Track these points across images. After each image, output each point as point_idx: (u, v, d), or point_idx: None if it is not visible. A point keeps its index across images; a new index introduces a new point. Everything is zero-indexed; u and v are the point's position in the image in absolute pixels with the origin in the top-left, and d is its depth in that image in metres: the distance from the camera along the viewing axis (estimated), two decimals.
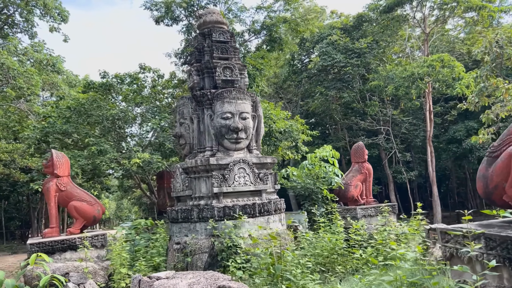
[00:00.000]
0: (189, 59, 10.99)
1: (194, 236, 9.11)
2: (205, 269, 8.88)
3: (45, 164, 9.07)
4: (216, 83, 10.19)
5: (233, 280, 5.43)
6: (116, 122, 14.81)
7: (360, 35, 25.69)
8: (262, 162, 9.93)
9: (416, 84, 21.64)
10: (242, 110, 9.88)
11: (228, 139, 9.74)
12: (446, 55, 21.15)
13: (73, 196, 8.97)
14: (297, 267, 6.99)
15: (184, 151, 10.32)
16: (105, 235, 8.69)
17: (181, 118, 10.18)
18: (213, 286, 5.36)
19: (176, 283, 5.57)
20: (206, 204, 9.28)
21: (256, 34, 17.53)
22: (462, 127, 26.13)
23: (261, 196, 9.74)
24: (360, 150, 12.02)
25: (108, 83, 15.75)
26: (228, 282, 5.27)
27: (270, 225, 9.64)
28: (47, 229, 8.83)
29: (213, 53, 10.39)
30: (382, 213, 11.20)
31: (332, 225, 10.17)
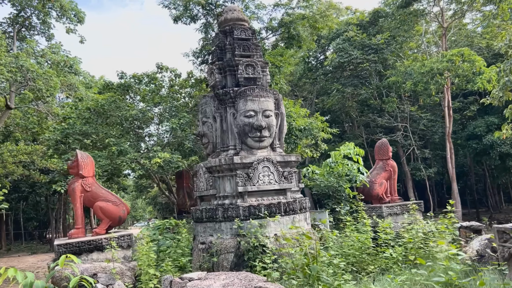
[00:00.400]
0: (210, 57, 10.91)
1: (220, 236, 9.02)
2: (231, 269, 8.80)
3: (69, 165, 9.06)
4: (238, 81, 10.08)
5: (269, 281, 5.32)
6: (135, 122, 14.82)
7: (376, 31, 25.39)
8: (286, 160, 9.80)
9: (435, 79, 21.31)
10: (265, 108, 9.76)
11: (252, 138, 9.63)
12: (466, 49, 20.77)
13: (98, 197, 8.95)
14: (328, 267, 6.86)
15: (207, 150, 10.23)
16: (131, 236, 8.66)
17: (203, 117, 10.10)
18: (249, 287, 5.26)
19: (209, 284, 5.48)
20: (231, 204, 9.19)
21: (273, 31, 17.40)
22: (482, 123, 25.67)
23: (286, 195, 9.62)
24: (384, 147, 11.81)
25: (127, 84, 15.78)
26: (264, 284, 5.16)
27: (296, 224, 9.50)
28: (73, 229, 8.82)
29: (234, 51, 10.29)
30: (408, 211, 11.00)
31: (357, 223, 10.02)
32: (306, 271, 5.46)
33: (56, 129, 14.93)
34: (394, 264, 8.01)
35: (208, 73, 10.69)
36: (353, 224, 9.80)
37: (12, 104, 20.29)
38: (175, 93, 17.50)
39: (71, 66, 21.31)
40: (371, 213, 10.75)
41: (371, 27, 25.92)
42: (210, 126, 9.94)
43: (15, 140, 25.43)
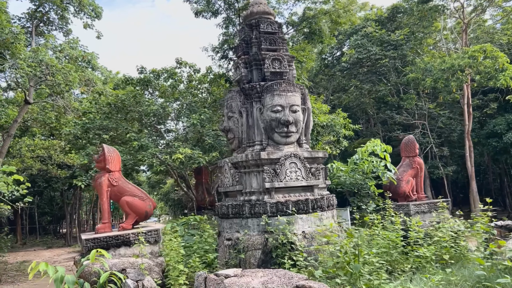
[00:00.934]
0: (235, 51, 10.76)
1: (246, 232, 8.90)
2: (259, 266, 8.67)
3: (96, 159, 8.99)
4: (264, 76, 9.93)
5: (311, 280, 5.18)
6: (154, 117, 14.75)
7: (395, 27, 25.04)
8: (314, 156, 9.63)
9: (456, 76, 20.95)
10: (293, 103, 9.60)
11: (278, 133, 9.47)
12: (489, 46, 20.35)
13: (125, 191, 8.87)
14: (364, 266, 6.70)
15: (232, 146, 10.10)
16: (159, 231, 8.56)
17: (229, 111, 9.96)
18: (289, 285, 5.12)
19: (248, 281, 5.35)
20: (258, 200, 9.05)
21: (294, 26, 17.20)
22: (502, 121, 25.22)
23: (313, 191, 9.45)
24: (411, 143, 11.59)
25: (146, 79, 15.70)
26: (307, 282, 5.02)
27: (324, 222, 9.33)
28: (99, 224, 8.75)
29: (261, 45, 10.13)
30: (436, 210, 10.78)
31: (384, 221, 9.82)
32: (348, 269, 5.30)
33: (77, 123, 14.91)
34: (427, 263, 7.82)
35: (233, 68, 10.55)
36: (380, 222, 9.60)
37: (31, 99, 20.38)
38: (193, 89, 17.39)
39: (89, 61, 21.33)
40: (398, 211, 10.54)
41: (389, 23, 25.57)
42: (236, 121, 9.80)
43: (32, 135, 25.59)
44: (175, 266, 7.73)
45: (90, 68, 22.41)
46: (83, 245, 7.94)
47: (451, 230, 9.19)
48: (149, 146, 13.64)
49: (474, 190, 24.46)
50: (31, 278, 6.48)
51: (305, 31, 16.53)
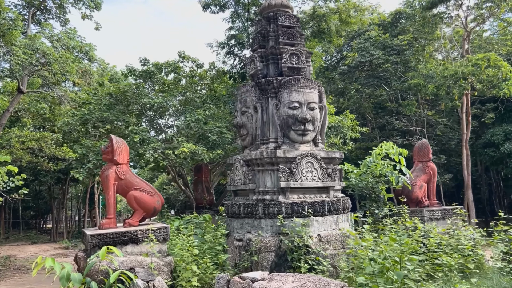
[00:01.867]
0: (251, 44, 10.35)
1: (259, 233, 8.47)
2: (271, 270, 8.25)
3: (104, 150, 8.47)
4: (281, 71, 9.54)
5: (350, 287, 4.78)
6: (157, 111, 14.24)
7: (397, 32, 24.88)
8: (330, 156, 9.26)
9: (459, 84, 20.82)
10: (310, 100, 9.22)
11: (295, 131, 9.08)
12: (493, 54, 20.27)
13: (132, 186, 8.37)
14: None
15: (244, 142, 9.68)
16: (168, 228, 8.07)
17: (243, 106, 9.53)
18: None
19: (279, 286, 4.93)
20: (272, 200, 8.64)
21: (302, 25, 16.84)
22: (499, 131, 25.19)
23: (329, 193, 9.08)
24: (425, 148, 11.32)
25: (150, 71, 15.19)
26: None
27: (339, 225, 8.98)
28: (104, 219, 8.23)
29: (278, 39, 9.74)
30: (450, 216, 10.52)
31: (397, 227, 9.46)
32: (389, 276, 4.91)
33: (75, 114, 14.31)
34: (450, 272, 7.47)
35: (248, 61, 10.14)
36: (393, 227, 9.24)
37: (25, 88, 19.67)
38: (195, 84, 16.92)
39: (87, 52, 20.68)
40: (412, 217, 10.22)
41: (391, 28, 25.42)
42: (250, 117, 9.38)
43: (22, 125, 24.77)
44: (187, 266, 7.28)
45: (87, 59, 21.75)
46: (87, 241, 7.42)
47: (470, 238, 8.90)
48: (151, 140, 13.14)
49: (470, 199, 24.35)
50: (35, 275, 5.96)
51: (313, 29, 16.19)
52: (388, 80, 24.33)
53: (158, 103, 13.48)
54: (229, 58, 17.64)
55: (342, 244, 8.59)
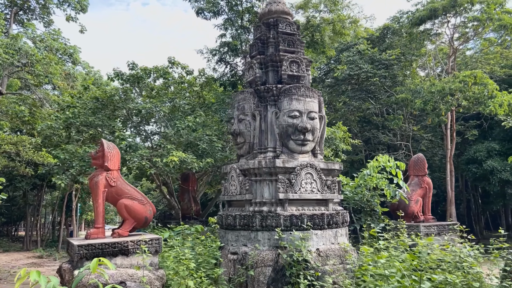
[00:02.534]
0: (250, 50, 10.06)
1: (256, 247, 8.08)
2: (268, 285, 7.87)
3: (93, 155, 7.99)
4: (281, 78, 9.25)
5: None
6: (145, 117, 13.76)
7: (385, 46, 25.06)
8: (330, 168, 8.98)
9: (446, 99, 20.99)
10: (311, 109, 8.95)
11: (294, 140, 8.78)
12: (480, 72, 20.54)
13: (123, 193, 7.89)
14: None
15: (241, 151, 9.31)
16: (160, 240, 7.61)
17: (240, 114, 9.19)
18: None
19: None
20: (270, 211, 8.28)
21: None
22: (482, 148, 25.52)
23: (328, 206, 8.77)
24: (421, 162, 11.19)
25: (138, 75, 14.73)
26: None
27: (338, 239, 8.66)
28: (92, 229, 7.70)
29: (278, 45, 9.47)
30: (446, 233, 10.36)
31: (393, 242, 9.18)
32: None
33: (58, 117, 13.70)
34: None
35: (246, 68, 9.83)
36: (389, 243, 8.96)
37: (4, 89, 18.90)
38: (184, 91, 16.51)
39: (71, 54, 20.05)
40: (408, 232, 10.00)
41: (379, 42, 25.59)
42: (248, 125, 9.04)
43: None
44: (181, 281, 6.83)
45: (71, 62, 21.10)
46: (74, 252, 6.89)
47: (467, 255, 8.67)
48: (139, 146, 12.64)
49: (453, 214, 24.47)
50: None
51: (307, 39, 16.03)
52: (375, 94, 24.41)
53: (147, 109, 13.00)
54: (220, 65, 17.33)
55: (341, 260, 8.27)
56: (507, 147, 25.68)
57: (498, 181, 24.49)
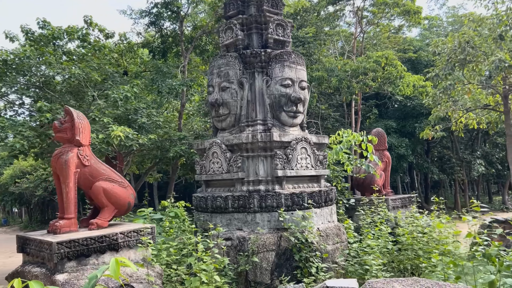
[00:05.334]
0: (226, 8, 8.81)
1: (259, 230, 7.17)
2: (272, 272, 7.09)
3: (57, 127, 6.17)
4: (266, 43, 8.30)
5: None
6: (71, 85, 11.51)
7: (299, 24, 25.11)
8: (321, 142, 8.40)
9: (360, 78, 21.85)
10: (302, 78, 8.22)
11: (286, 112, 7.98)
12: (391, 53, 21.76)
13: (99, 175, 6.28)
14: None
15: (223, 124, 8.18)
16: (154, 229, 6.23)
17: (224, 81, 8.02)
18: None
19: None
20: (268, 190, 7.42)
21: None
22: (382, 125, 27.41)
23: (320, 182, 8.21)
24: (381, 136, 11.22)
25: (54, 35, 12.29)
26: None
27: (333, 217, 8.18)
28: (61, 220, 5.97)
29: (262, 6, 8.46)
30: (406, 206, 10.62)
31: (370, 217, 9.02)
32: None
33: None
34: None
35: (222, 29, 8.62)
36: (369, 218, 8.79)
37: None
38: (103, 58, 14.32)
39: None
40: (372, 206, 9.96)
41: (294, 20, 25.55)
42: (235, 94, 7.94)
43: None
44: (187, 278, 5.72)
45: None
46: (52, 252, 5.24)
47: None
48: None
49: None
50: None
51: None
52: None
53: (76, 75, 10.82)
54: (149, 30, 15.31)
55: (338, 238, 7.82)
56: (401, 125, 28.01)
57: (396, 156, 26.60)
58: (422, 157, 31.57)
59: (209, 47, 15.15)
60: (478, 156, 31.63)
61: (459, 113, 18.64)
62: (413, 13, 23.40)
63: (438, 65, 17.86)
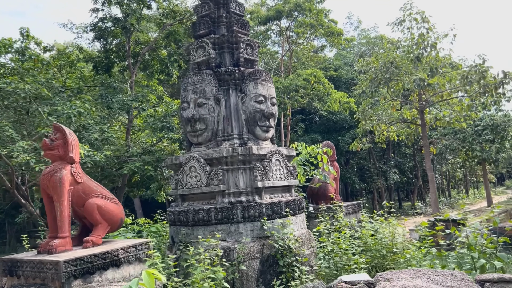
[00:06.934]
0: (196, 28, 9.07)
1: (242, 239, 7.50)
2: (258, 279, 7.45)
3: (48, 145, 6.00)
4: (237, 61, 8.74)
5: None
6: (21, 100, 10.87)
7: None
8: (290, 154, 8.98)
9: (291, 95, 23.07)
10: (272, 95, 8.78)
11: (260, 126, 8.46)
12: (319, 72, 23.29)
13: (91, 191, 6.20)
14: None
15: (199, 139, 8.40)
16: (149, 244, 6.27)
17: (200, 97, 8.27)
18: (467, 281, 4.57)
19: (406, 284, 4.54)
20: (249, 201, 7.80)
21: None
22: (308, 139, 28.96)
23: (291, 192, 8.77)
24: (332, 148, 12.07)
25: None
26: (492, 275, 4.58)
27: (304, 224, 8.77)
28: (57, 240, 5.78)
29: (232, 27, 8.90)
30: (356, 212, 11.56)
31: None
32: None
33: None
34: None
35: (194, 48, 8.89)
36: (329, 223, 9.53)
37: None
38: (45, 72, 13.70)
39: None
40: (334, 212, 10.76)
41: None
42: (212, 110, 8.24)
43: None
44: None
45: None
46: (59, 271, 5.13)
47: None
48: (16, 138, 10.03)
49: None
50: None
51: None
52: None
53: (27, 90, 10.25)
54: (92, 44, 14.84)
55: (310, 244, 8.41)
56: (326, 138, 29.78)
57: None
58: (344, 168, 33.70)
59: (153, 62, 15.13)
60: (392, 165, 34.58)
61: (382, 126, 20.45)
62: (335, 35, 25.24)
63: (363, 83, 19.53)
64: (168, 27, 14.52)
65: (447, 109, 19.64)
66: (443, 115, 19.19)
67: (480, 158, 30.83)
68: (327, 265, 7.93)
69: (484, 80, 16.99)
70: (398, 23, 18.99)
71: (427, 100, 19.08)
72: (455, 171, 52.55)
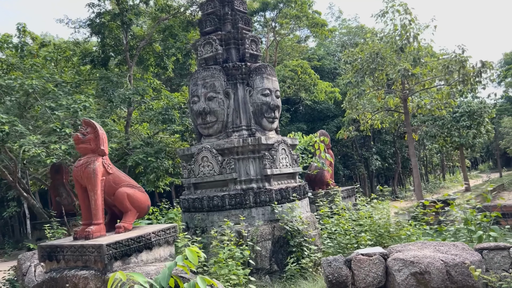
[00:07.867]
0: (202, 25, 9.53)
1: (256, 223, 8.12)
2: (270, 258, 8.11)
3: (80, 139, 6.44)
4: (243, 57, 9.27)
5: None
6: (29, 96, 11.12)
7: None
8: (294, 143, 9.60)
9: (280, 85, 23.66)
10: (277, 88, 9.36)
11: (267, 118, 9.05)
12: (306, 63, 23.92)
13: (121, 181, 6.70)
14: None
15: (209, 131, 8.93)
16: (176, 228, 6.81)
17: (210, 91, 8.78)
18: (467, 250, 5.29)
19: (416, 254, 5.24)
20: (259, 187, 8.41)
21: None
22: (294, 128, 29.67)
23: (295, 178, 9.42)
24: (327, 137, 12.75)
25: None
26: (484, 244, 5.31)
27: (308, 208, 9.44)
28: (92, 226, 6.27)
29: (237, 23, 9.40)
30: (352, 195, 12.29)
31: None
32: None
33: None
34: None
35: (201, 44, 9.36)
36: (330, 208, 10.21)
37: None
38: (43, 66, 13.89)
39: None
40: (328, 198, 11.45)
41: None
42: (222, 103, 8.77)
43: None
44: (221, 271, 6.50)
45: None
46: (103, 254, 5.64)
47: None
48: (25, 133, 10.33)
49: None
50: None
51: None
52: None
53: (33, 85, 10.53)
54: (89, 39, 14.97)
55: (314, 225, 9.08)
56: (311, 127, 30.54)
57: None
58: None
59: (149, 56, 15.47)
60: (373, 152, 35.66)
61: (367, 115, 21.26)
62: (320, 26, 25.85)
63: (349, 73, 20.25)
64: (163, 22, 14.87)
65: (428, 97, 20.58)
66: (425, 103, 20.11)
67: (458, 144, 32.13)
68: (331, 244, 8.64)
69: (464, 70, 17.91)
70: (381, 14, 19.72)
71: (410, 89, 19.94)
72: (432, 157, 54.28)
